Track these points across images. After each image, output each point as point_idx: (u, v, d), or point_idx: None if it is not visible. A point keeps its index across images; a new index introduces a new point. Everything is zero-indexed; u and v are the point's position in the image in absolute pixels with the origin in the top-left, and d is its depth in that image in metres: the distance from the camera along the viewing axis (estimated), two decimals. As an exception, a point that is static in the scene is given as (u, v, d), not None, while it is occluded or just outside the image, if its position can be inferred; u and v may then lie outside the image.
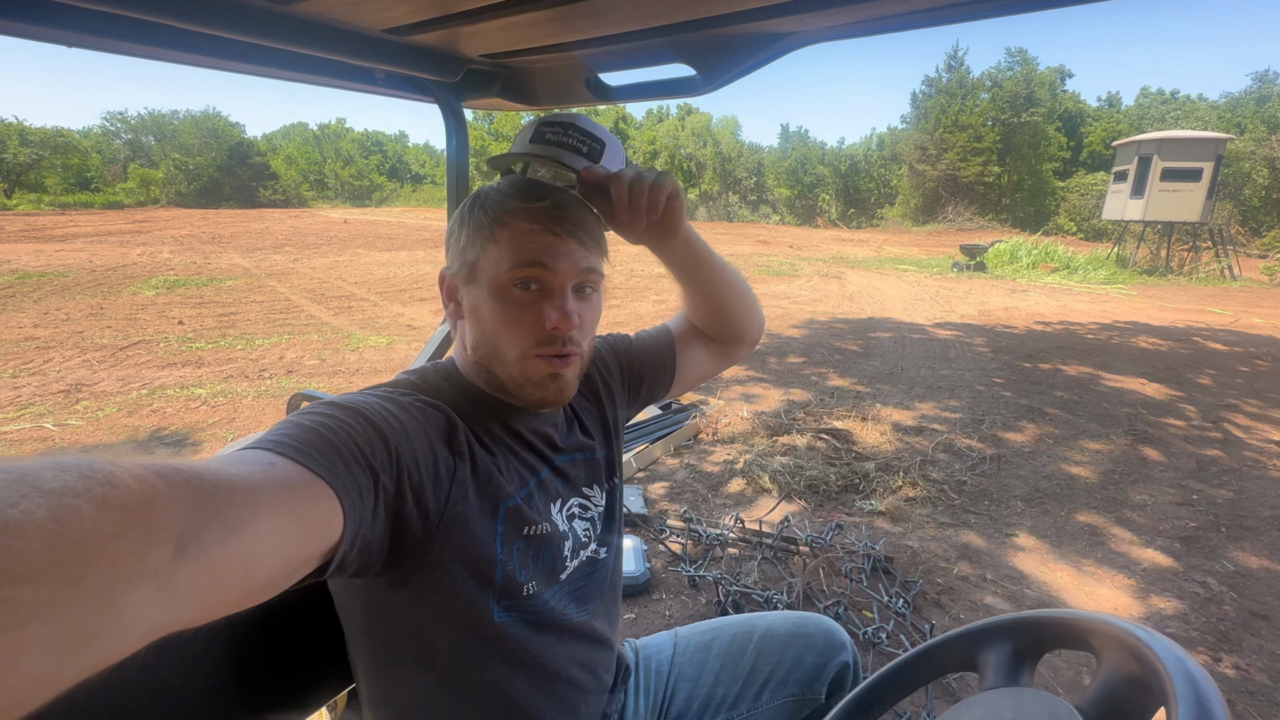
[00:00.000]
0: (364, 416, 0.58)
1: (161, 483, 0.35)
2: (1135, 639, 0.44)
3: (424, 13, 0.74)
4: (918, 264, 15.87)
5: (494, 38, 0.84)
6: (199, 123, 37.62)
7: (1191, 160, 14.64)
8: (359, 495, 0.53)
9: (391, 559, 0.60)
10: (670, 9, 0.69)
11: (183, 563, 0.35)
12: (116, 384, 4.79)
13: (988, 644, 0.57)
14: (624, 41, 0.80)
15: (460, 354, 0.76)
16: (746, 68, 0.78)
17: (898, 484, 3.24)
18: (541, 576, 0.72)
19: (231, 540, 0.39)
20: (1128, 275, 14.38)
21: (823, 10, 0.64)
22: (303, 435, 0.53)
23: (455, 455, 0.65)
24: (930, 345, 6.80)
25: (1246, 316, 9.33)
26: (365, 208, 36.58)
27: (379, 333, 6.68)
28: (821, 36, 0.73)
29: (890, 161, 34.31)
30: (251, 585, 0.42)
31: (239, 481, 0.43)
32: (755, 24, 0.71)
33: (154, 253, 12.72)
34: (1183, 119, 29.56)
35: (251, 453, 0.50)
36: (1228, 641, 2.16)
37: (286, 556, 0.45)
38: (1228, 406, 4.82)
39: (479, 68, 1.00)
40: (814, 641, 0.96)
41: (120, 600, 0.32)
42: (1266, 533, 2.93)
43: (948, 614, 2.27)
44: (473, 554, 0.66)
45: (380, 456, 0.57)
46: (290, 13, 0.72)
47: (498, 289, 0.69)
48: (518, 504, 0.70)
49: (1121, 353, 6.64)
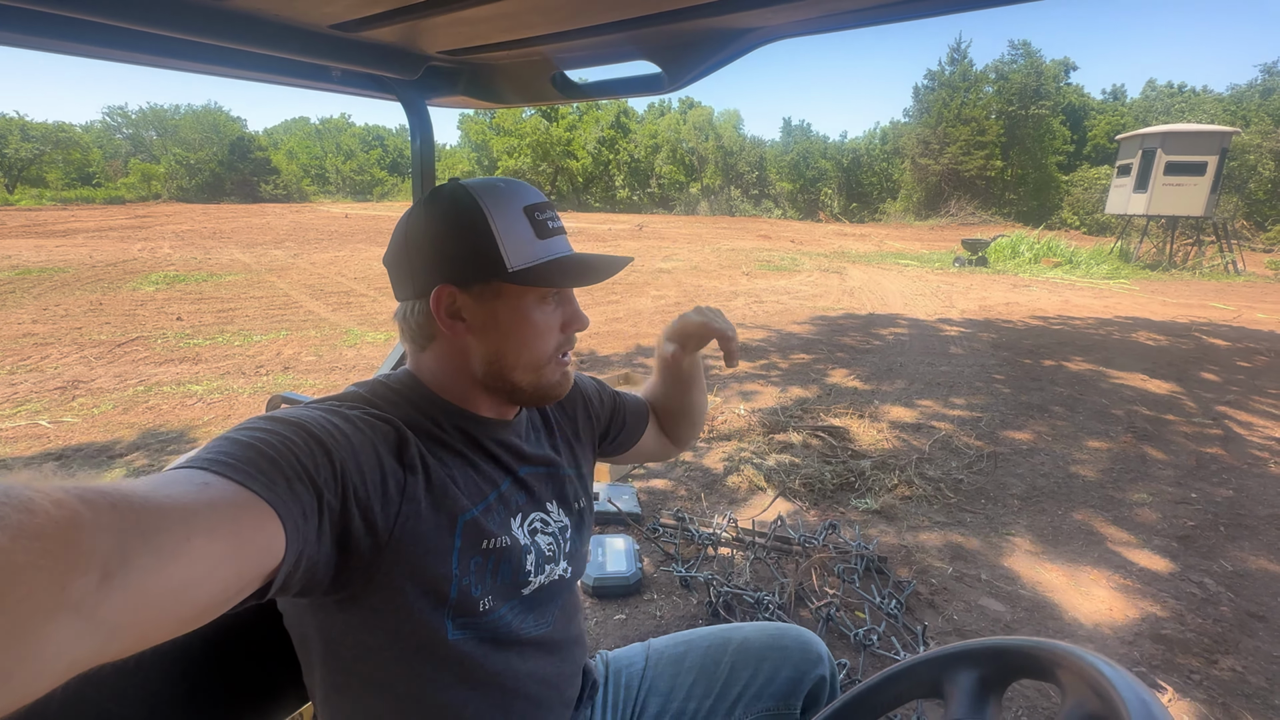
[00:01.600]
0: (306, 431, 0.56)
1: (84, 507, 0.34)
2: (1100, 675, 0.42)
3: (371, 8, 0.71)
4: (919, 259, 15.79)
5: (452, 33, 0.82)
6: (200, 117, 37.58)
7: (1195, 154, 14.51)
8: (302, 514, 0.51)
9: (338, 578, 0.58)
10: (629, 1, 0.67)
11: (109, 592, 0.34)
12: (113, 381, 4.79)
13: (953, 670, 0.55)
14: (588, 36, 0.78)
15: (433, 368, 0.74)
16: (712, 65, 0.77)
17: (893, 482, 3.22)
18: (499, 591, 0.70)
19: (164, 567, 0.38)
20: (1131, 270, 14.29)
21: (784, 4, 0.62)
22: (240, 452, 0.50)
23: (406, 469, 0.63)
24: (930, 341, 6.77)
25: (1250, 311, 9.26)
26: (367, 202, 36.54)
27: (377, 329, 6.67)
28: (785, 32, 0.71)
29: (893, 155, 34.12)
30: (185, 613, 0.41)
31: (170, 504, 0.41)
32: (718, 19, 0.69)
33: (155, 248, 12.73)
34: (1188, 112, 29.28)
35: (185, 472, 0.47)
36: (1224, 643, 2.15)
37: (224, 581, 0.44)
38: (1229, 403, 4.78)
39: (440, 65, 0.98)
40: (790, 654, 0.94)
41: (37, 634, 0.30)
42: (1265, 532, 2.91)
43: (940, 615, 2.25)
44: (426, 571, 0.63)
45: (324, 473, 0.54)
46: (227, 8, 0.69)
47: (532, 305, 0.72)
48: (475, 517, 0.68)
49: (1123, 348, 6.60)
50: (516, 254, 0.68)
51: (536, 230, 0.70)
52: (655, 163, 36.84)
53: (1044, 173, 29.74)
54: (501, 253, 0.68)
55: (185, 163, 34.32)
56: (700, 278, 11.09)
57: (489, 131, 38.42)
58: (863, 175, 35.11)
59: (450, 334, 0.71)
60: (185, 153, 34.86)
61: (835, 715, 0.59)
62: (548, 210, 0.73)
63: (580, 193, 38.25)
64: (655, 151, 36.83)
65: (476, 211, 0.68)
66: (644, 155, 37.12)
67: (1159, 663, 2.04)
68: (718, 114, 37.58)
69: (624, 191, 37.69)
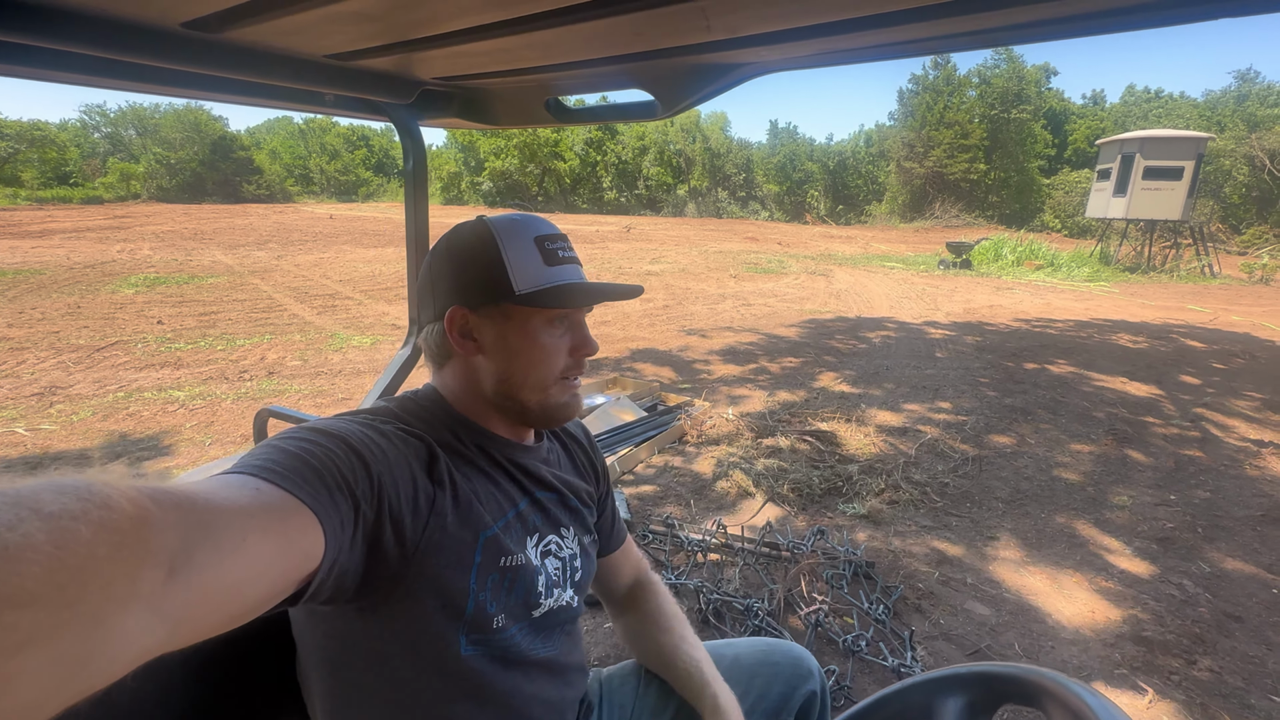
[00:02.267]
0: (347, 443, 0.59)
1: (154, 506, 0.36)
2: (1085, 706, 0.43)
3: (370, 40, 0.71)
4: (905, 261, 15.96)
5: (449, 63, 0.82)
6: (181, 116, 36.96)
7: (1173, 159, 14.81)
8: (340, 523, 0.53)
9: (364, 586, 0.60)
10: (631, 40, 0.68)
11: (174, 585, 0.36)
12: (92, 386, 4.70)
13: (943, 695, 0.56)
14: (583, 68, 0.78)
15: (454, 386, 0.78)
16: (705, 95, 0.78)
17: (880, 486, 3.25)
18: (512, 610, 0.72)
19: (223, 562, 0.40)
20: (1111, 272, 14.54)
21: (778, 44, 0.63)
22: (287, 461, 0.53)
23: (435, 485, 0.66)
24: (916, 344, 6.84)
25: (1225, 314, 9.46)
26: (351, 203, 36.18)
27: (363, 332, 6.61)
28: (778, 67, 0.73)
29: (878, 158, 34.42)
30: (236, 609, 0.43)
31: (229, 505, 0.44)
32: (714, 55, 0.70)
33: (134, 249, 12.52)
34: (1165, 117, 29.86)
35: (237, 477, 0.50)
36: (1202, 644, 2.19)
37: (272, 580, 0.46)
38: (1207, 405, 4.88)
39: (435, 89, 0.98)
40: (781, 670, 0.95)
41: (113, 622, 0.32)
42: (1241, 533, 2.98)
43: (927, 619, 2.27)
44: (446, 584, 0.65)
45: (362, 484, 0.57)
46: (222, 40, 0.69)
47: (540, 327, 0.75)
48: (496, 533, 0.71)
49: (1104, 351, 6.71)
50: (524, 279, 0.72)
51: (545, 258, 0.74)
52: (643, 164, 36.87)
53: (1026, 176, 30.15)
54: (510, 277, 0.72)
55: (165, 162, 33.74)
56: (688, 280, 11.12)
57: (476, 133, 38.21)
58: (848, 178, 35.39)
59: (463, 353, 0.76)
60: (165, 152, 34.27)
61: None
62: (559, 241, 0.77)
63: (568, 194, 38.18)
64: (643, 153, 36.86)
65: (490, 241, 0.74)
66: (631, 157, 37.14)
67: (1139, 664, 2.08)
68: (705, 117, 37.71)
69: (611, 193, 37.68)
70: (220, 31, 0.66)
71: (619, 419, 3.86)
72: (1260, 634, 2.26)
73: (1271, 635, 2.25)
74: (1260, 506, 3.23)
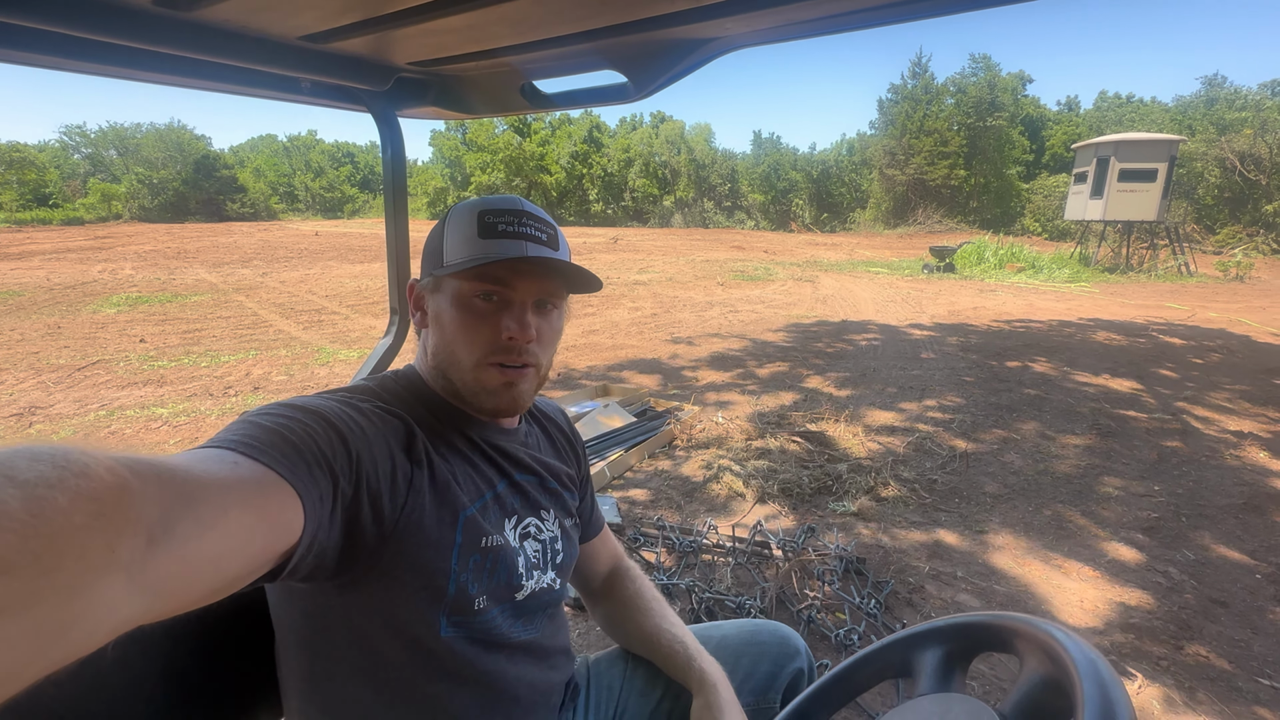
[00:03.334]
0: (325, 419, 0.59)
1: (133, 476, 0.36)
2: (1052, 641, 0.44)
3: (339, 19, 0.72)
4: (889, 266, 16.13)
5: (421, 44, 0.83)
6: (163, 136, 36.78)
7: (1147, 161, 15.14)
8: (319, 498, 0.53)
9: (342, 563, 0.59)
10: (594, 13, 0.70)
11: (154, 555, 0.36)
12: (73, 406, 4.63)
13: (920, 649, 0.57)
14: (554, 47, 0.80)
15: (422, 362, 0.78)
16: (675, 74, 0.79)
17: (870, 484, 3.27)
18: (494, 592, 0.72)
19: (203, 534, 0.40)
20: (1090, 273, 14.78)
21: (742, 14, 0.65)
22: (265, 436, 0.53)
23: (413, 463, 0.66)
24: (902, 346, 6.90)
25: (1202, 311, 9.65)
26: (337, 219, 36.07)
27: (350, 346, 6.57)
28: (745, 41, 0.74)
29: (861, 166, 34.90)
30: (217, 581, 0.43)
31: (209, 478, 0.44)
32: (680, 29, 0.72)
33: (116, 269, 12.38)
34: (1138, 121, 30.59)
35: (215, 451, 0.50)
36: (1189, 629, 2.21)
37: (252, 553, 0.46)
38: (1187, 398, 4.96)
39: (410, 76, 0.98)
40: (768, 649, 0.95)
41: (91, 591, 0.32)
42: (1223, 521, 3.02)
43: (919, 612, 2.28)
44: (426, 564, 0.65)
45: (340, 460, 0.57)
46: (194, 20, 0.70)
47: (460, 298, 0.72)
48: (474, 514, 0.70)
49: (1086, 349, 6.81)
50: (454, 250, 0.72)
51: (481, 230, 0.71)
52: (629, 176, 37.11)
53: (1005, 181, 30.70)
54: (444, 248, 0.73)
55: (148, 182, 33.46)
56: (676, 289, 11.17)
57: (461, 147, 38.32)
58: (832, 186, 35.81)
59: (420, 325, 0.78)
60: (148, 172, 34.01)
61: (812, 698, 0.60)
62: (508, 217, 0.72)
63: (555, 206, 38.29)
64: (628, 165, 37.11)
65: (443, 218, 0.75)
66: (617, 169, 37.37)
67: (1129, 651, 2.10)
68: (689, 127, 38.09)
69: (598, 205, 37.86)
70: (192, 10, 0.66)
71: (608, 425, 3.86)
72: (1246, 618, 2.28)
73: (1256, 619, 2.28)
74: (1241, 495, 3.28)
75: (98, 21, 0.64)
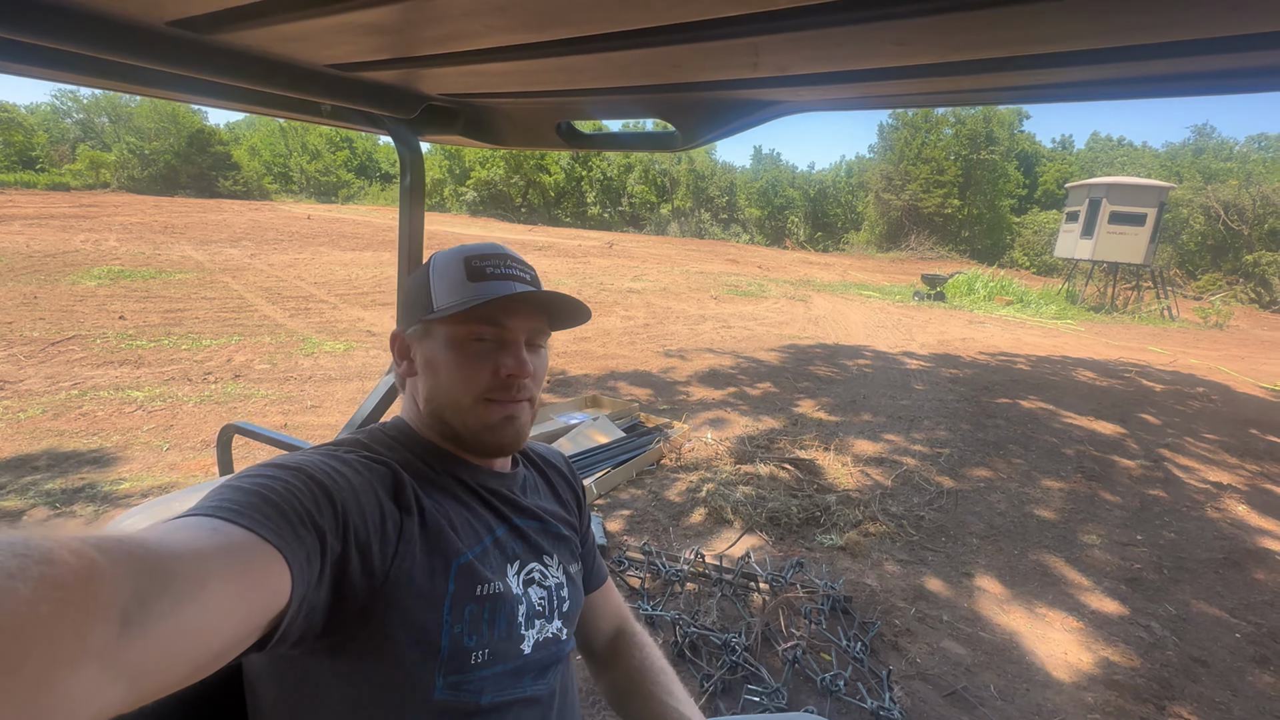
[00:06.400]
0: (308, 475, 0.57)
1: (100, 555, 0.34)
2: None
3: (376, 53, 0.68)
4: (881, 290, 16.27)
5: (456, 80, 0.78)
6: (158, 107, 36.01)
7: (1137, 205, 15.45)
8: (306, 557, 0.51)
9: (331, 623, 0.57)
10: (651, 72, 0.66)
11: (130, 639, 0.34)
12: (44, 382, 4.48)
13: None
14: (600, 95, 0.75)
15: (412, 411, 0.77)
16: (729, 130, 0.76)
17: (858, 518, 3.25)
18: (496, 646, 0.67)
19: (182, 610, 0.38)
20: (1076, 311, 15.02)
21: (820, 85, 0.62)
22: (245, 499, 0.51)
23: (403, 510, 0.64)
24: (892, 374, 6.93)
25: (1184, 356, 9.82)
26: (331, 204, 35.63)
27: (336, 337, 6.45)
28: (810, 107, 0.71)
29: (857, 189, 35.26)
30: (201, 658, 0.40)
31: (184, 548, 0.42)
32: (750, 91, 0.69)
33: (99, 240, 12.08)
34: (1128, 165, 31.25)
35: (193, 519, 0.48)
36: (1171, 689, 2.21)
37: (237, 624, 0.44)
38: (1168, 445, 5.02)
39: (439, 104, 0.93)
40: None
41: (62, 686, 0.30)
42: (1203, 575, 3.04)
43: (904, 658, 2.25)
44: (417, 617, 0.62)
45: (326, 516, 0.55)
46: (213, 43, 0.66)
47: (455, 341, 0.72)
48: (470, 560, 0.67)
49: (1072, 388, 6.89)
50: (443, 295, 0.72)
51: (469, 274, 0.72)
52: (627, 182, 37.13)
53: (997, 214, 31.17)
54: (431, 295, 0.73)
55: (139, 152, 32.79)
56: (669, 300, 11.15)
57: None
58: (828, 206, 36.13)
59: (406, 375, 0.77)
60: (139, 142, 33.34)
61: None
62: (494, 260, 0.74)
63: (552, 207, 38.20)
64: (628, 171, 37.12)
65: (426, 267, 0.75)
66: (617, 174, 37.38)
67: (1111, 710, 2.09)
68: (691, 138, 38.16)
69: (595, 208, 37.81)
70: (208, 34, 0.63)
71: (595, 440, 3.80)
72: (1225, 679, 2.29)
73: (1236, 681, 2.29)
74: (1221, 549, 3.31)
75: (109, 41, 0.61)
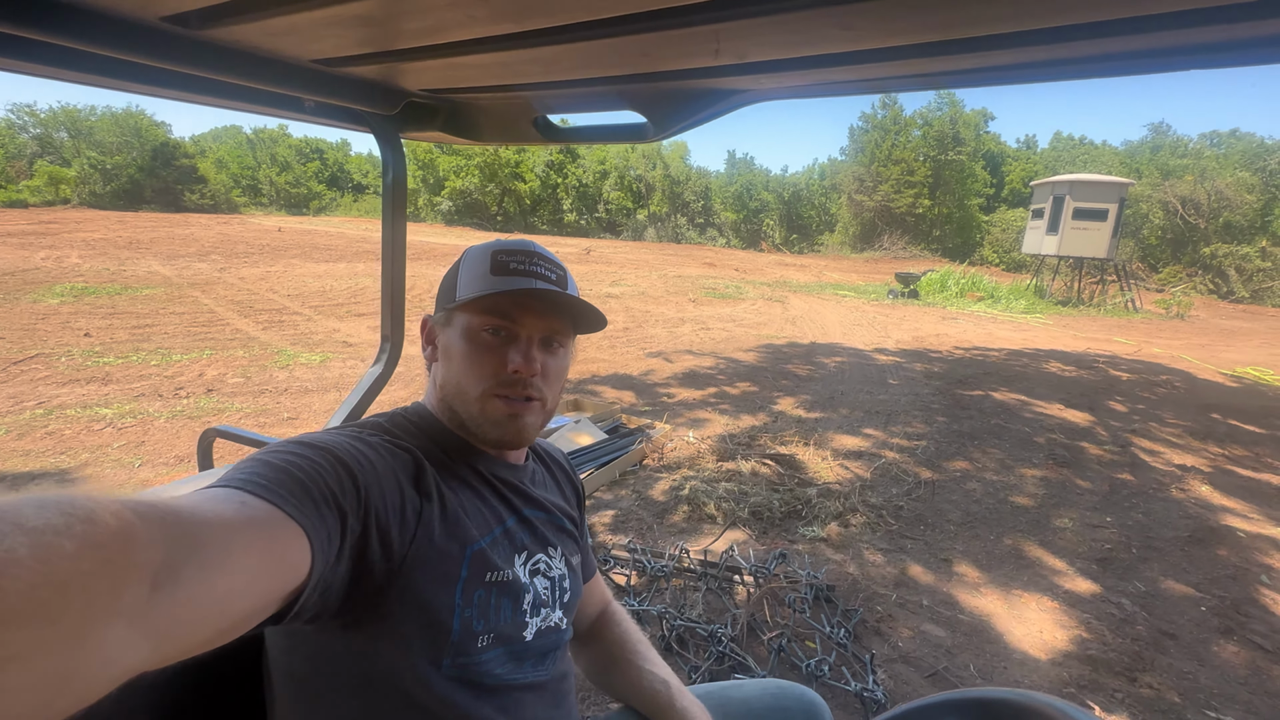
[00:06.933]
0: (334, 455, 0.59)
1: (138, 519, 0.35)
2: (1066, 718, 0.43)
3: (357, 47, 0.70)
4: (856, 290, 16.53)
5: (437, 75, 0.80)
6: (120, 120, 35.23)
7: (1099, 201, 15.96)
8: (327, 536, 0.53)
9: (348, 600, 0.59)
10: (623, 61, 0.68)
11: (158, 600, 0.36)
12: (6, 402, 4.34)
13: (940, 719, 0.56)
14: (574, 87, 0.78)
15: (431, 396, 0.80)
16: (698, 119, 0.79)
17: (838, 509, 3.30)
18: (499, 631, 0.70)
19: (208, 577, 0.39)
20: (1045, 305, 15.43)
21: (780, 72, 0.65)
22: (273, 475, 0.53)
23: (423, 496, 0.66)
24: (869, 370, 7.05)
25: (1148, 346, 10.14)
26: (303, 216, 35.13)
27: (312, 349, 6.36)
28: (772, 95, 0.74)
29: (830, 191, 35.83)
30: (224, 624, 0.42)
31: (214, 519, 0.43)
32: (714, 80, 0.71)
33: (61, 257, 11.74)
34: (1090, 163, 32.23)
35: (223, 491, 0.50)
36: (1141, 661, 2.28)
37: (259, 594, 0.46)
38: (1135, 431, 5.18)
39: (420, 100, 0.96)
40: (793, 715, 0.94)
41: (95, 639, 0.32)
42: (1170, 553, 3.14)
43: (887, 642, 2.30)
44: (430, 600, 0.64)
45: (349, 497, 0.57)
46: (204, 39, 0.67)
47: (469, 332, 0.74)
48: (483, 548, 0.70)
49: (1042, 379, 7.07)
50: (467, 286, 0.75)
51: (494, 268, 0.74)
52: (603, 188, 37.24)
53: (967, 213, 31.91)
54: (458, 284, 0.76)
55: (100, 167, 31.94)
56: (648, 303, 11.20)
57: (435, 150, 37.85)
58: (802, 208, 36.64)
59: (430, 360, 0.80)
60: (101, 156, 32.47)
61: None
62: (520, 256, 0.75)
63: (528, 215, 38.13)
64: (603, 177, 37.25)
65: (460, 258, 0.78)
66: (592, 181, 37.47)
67: (1086, 683, 2.15)
68: (665, 144, 38.47)
69: (571, 215, 37.85)
70: (201, 29, 0.64)
71: (578, 442, 3.81)
72: (1192, 650, 2.37)
73: (1202, 651, 2.37)
74: (1186, 528, 3.43)
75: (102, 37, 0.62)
